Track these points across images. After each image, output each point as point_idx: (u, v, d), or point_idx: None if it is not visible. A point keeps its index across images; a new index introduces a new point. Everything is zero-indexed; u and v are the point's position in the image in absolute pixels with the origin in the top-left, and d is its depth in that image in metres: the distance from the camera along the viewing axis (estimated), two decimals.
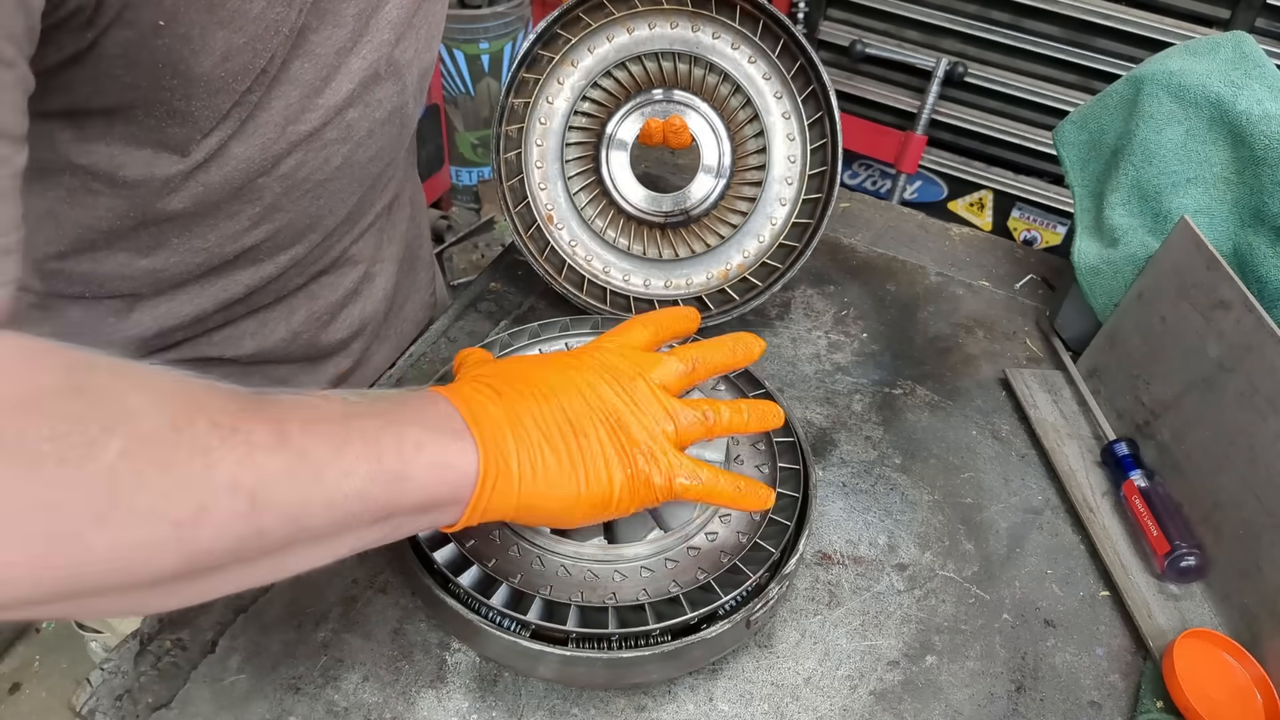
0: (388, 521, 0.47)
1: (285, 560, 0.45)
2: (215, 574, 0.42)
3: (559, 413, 0.53)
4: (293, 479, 0.42)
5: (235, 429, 0.41)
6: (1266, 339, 0.69)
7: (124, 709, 0.61)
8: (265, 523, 0.42)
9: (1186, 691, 0.63)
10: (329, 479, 0.44)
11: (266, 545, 0.43)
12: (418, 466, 0.47)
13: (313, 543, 0.45)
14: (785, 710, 0.64)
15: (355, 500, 0.45)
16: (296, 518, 0.43)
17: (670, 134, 0.85)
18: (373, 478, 0.45)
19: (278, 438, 0.42)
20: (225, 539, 0.41)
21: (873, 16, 2.14)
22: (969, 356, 0.93)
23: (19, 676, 1.84)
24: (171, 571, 0.40)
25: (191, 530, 0.39)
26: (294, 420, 0.44)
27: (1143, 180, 0.86)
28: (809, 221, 0.86)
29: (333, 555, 0.47)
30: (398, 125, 0.73)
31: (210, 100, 0.57)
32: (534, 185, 0.86)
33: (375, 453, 0.45)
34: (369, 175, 0.73)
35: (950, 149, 2.22)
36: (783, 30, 0.82)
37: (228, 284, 0.71)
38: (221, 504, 0.40)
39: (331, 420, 0.45)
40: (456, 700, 0.63)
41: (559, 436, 0.52)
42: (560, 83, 0.84)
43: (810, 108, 0.85)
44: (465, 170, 2.86)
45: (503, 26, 2.57)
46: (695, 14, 0.83)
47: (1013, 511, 0.79)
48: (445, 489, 0.48)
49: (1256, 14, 1.81)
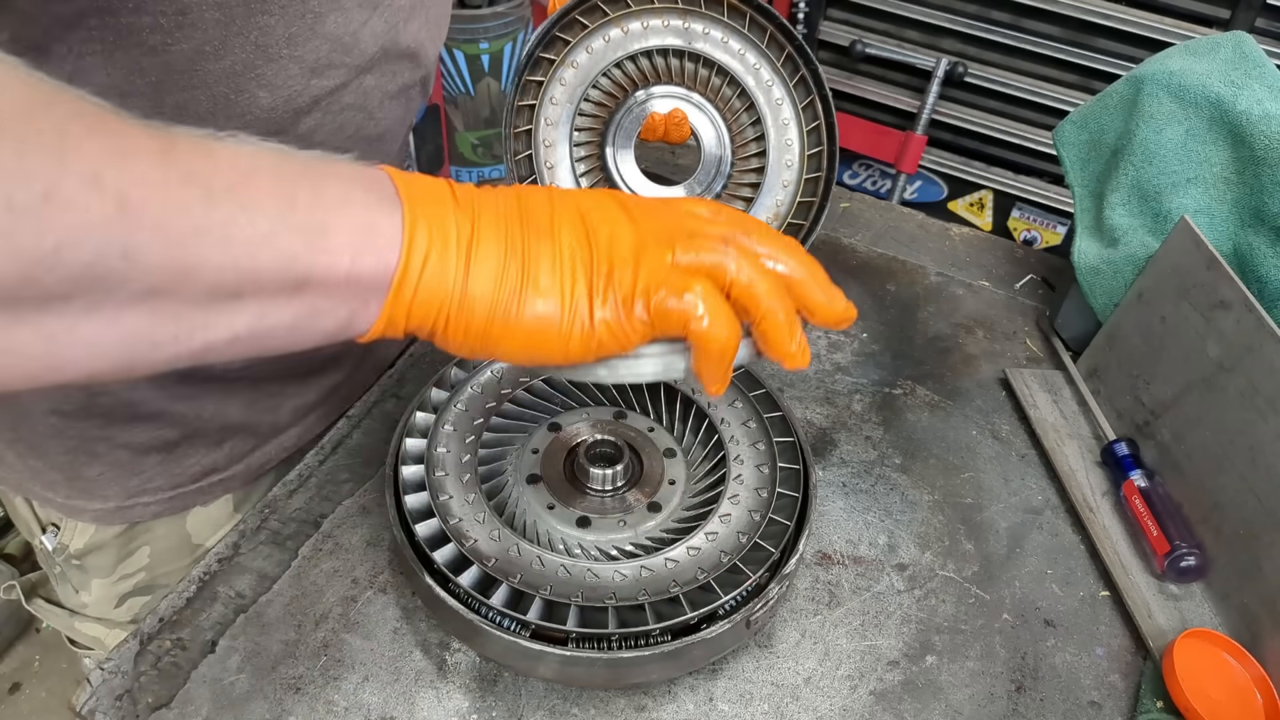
0: (300, 296, 0.38)
1: (159, 317, 0.35)
2: (65, 308, 0.33)
3: (520, 205, 0.43)
4: (180, 193, 0.34)
5: (105, 126, 0.33)
6: (1266, 339, 0.69)
7: (124, 709, 0.61)
8: (135, 241, 0.33)
9: (1186, 691, 0.63)
10: (227, 208, 0.35)
11: (134, 277, 0.34)
12: (341, 222, 0.39)
13: (199, 300, 0.36)
14: (785, 710, 0.64)
15: (261, 244, 0.36)
16: (180, 245, 0.34)
17: (672, 126, 0.85)
18: (284, 221, 0.37)
19: (161, 147, 0.34)
20: (79, 246, 0.32)
21: (873, 16, 2.14)
22: (969, 356, 0.93)
23: (19, 676, 1.84)
24: (7, 278, 0.31)
25: (32, 220, 0.31)
26: (184, 142, 0.35)
27: (1143, 180, 0.86)
28: (812, 200, 0.86)
29: (227, 330, 0.37)
30: (403, 105, 0.74)
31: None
32: (547, 184, 0.86)
33: (287, 192, 0.37)
34: (372, 157, 0.74)
35: (950, 149, 2.22)
36: (770, 20, 0.84)
37: None
38: (76, 196, 0.31)
39: (234, 152, 0.37)
40: (456, 700, 0.63)
41: (514, 226, 0.42)
42: (563, 83, 0.85)
43: (802, 92, 0.85)
44: (465, 170, 2.86)
45: (503, 26, 2.57)
46: (686, 11, 0.84)
47: (1013, 511, 0.79)
48: (370, 260, 0.39)
49: (1256, 14, 1.81)
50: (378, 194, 0.40)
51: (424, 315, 0.41)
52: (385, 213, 0.40)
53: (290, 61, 0.60)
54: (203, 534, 0.84)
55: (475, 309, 0.42)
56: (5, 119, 0.31)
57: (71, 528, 0.80)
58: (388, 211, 0.40)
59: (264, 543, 0.71)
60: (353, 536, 0.72)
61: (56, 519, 0.81)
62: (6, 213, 0.30)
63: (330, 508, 0.74)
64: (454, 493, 0.64)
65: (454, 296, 0.41)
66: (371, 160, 0.69)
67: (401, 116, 0.75)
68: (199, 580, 0.68)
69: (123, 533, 0.81)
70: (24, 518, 0.84)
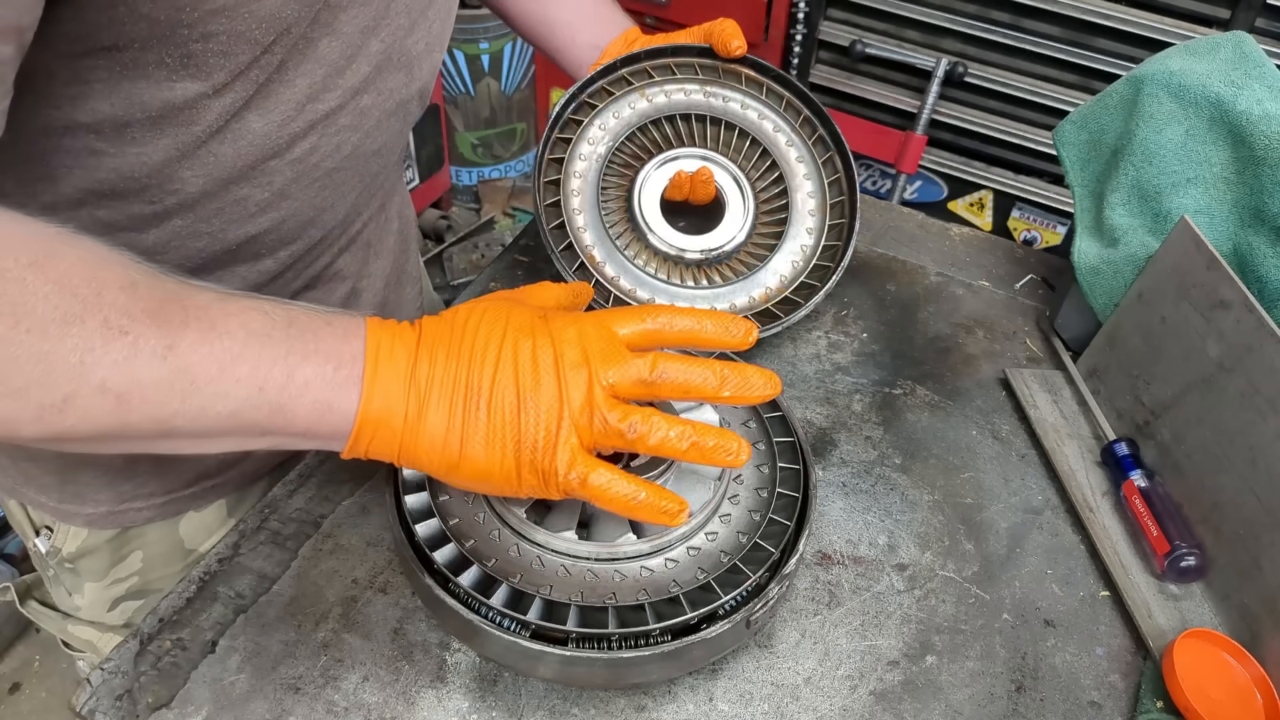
0: (265, 438, 0.51)
1: (155, 445, 0.50)
2: (82, 445, 0.48)
3: (469, 376, 0.52)
4: (167, 390, 0.47)
5: (125, 331, 0.45)
6: (1266, 339, 0.69)
7: (124, 709, 0.61)
8: (129, 419, 0.47)
9: (1186, 691, 0.63)
10: (203, 396, 0.47)
11: (131, 434, 0.48)
12: (301, 403, 0.50)
13: (182, 439, 0.50)
14: (785, 710, 0.64)
15: (228, 419, 0.49)
16: (163, 421, 0.47)
17: (699, 184, 0.87)
18: (251, 403, 0.49)
19: (165, 347, 0.46)
20: (86, 426, 0.46)
21: (873, 16, 2.13)
22: (969, 356, 0.93)
23: (19, 676, 1.84)
24: (32, 438, 0.46)
25: (55, 414, 0.45)
26: (192, 331, 0.47)
27: (1143, 180, 0.86)
28: (837, 243, 0.90)
29: (210, 449, 0.52)
30: (401, 119, 0.73)
31: (229, 46, 0.55)
32: (575, 228, 0.88)
33: (259, 381, 0.48)
34: (370, 171, 0.73)
35: (950, 149, 2.22)
36: (787, 88, 0.92)
37: (225, 276, 0.70)
38: (87, 400, 0.45)
39: (230, 337, 0.48)
40: (456, 700, 0.63)
41: (459, 401, 0.52)
42: (591, 144, 0.90)
43: (820, 149, 0.92)
44: (465, 170, 2.86)
45: (502, 26, 2.57)
46: (706, 80, 0.92)
47: (1013, 511, 0.79)
48: (326, 427, 0.51)
49: (1256, 14, 1.81)
50: (346, 372, 0.51)
51: (382, 457, 0.53)
52: (344, 393, 0.51)
53: (284, 87, 0.60)
54: (196, 539, 0.84)
55: (421, 463, 0.53)
56: (37, 333, 0.43)
57: (64, 531, 0.80)
58: (347, 392, 0.51)
59: (264, 543, 0.71)
60: (353, 536, 0.72)
61: (50, 522, 0.81)
62: (37, 410, 0.45)
63: (330, 508, 0.74)
64: (454, 493, 0.64)
65: (401, 453, 0.52)
66: (370, 169, 0.70)
67: (400, 130, 0.74)
68: (199, 580, 0.68)
69: (115, 537, 0.81)
70: (18, 520, 0.84)
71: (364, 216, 0.80)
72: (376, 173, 0.75)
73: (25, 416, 0.45)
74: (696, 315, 0.57)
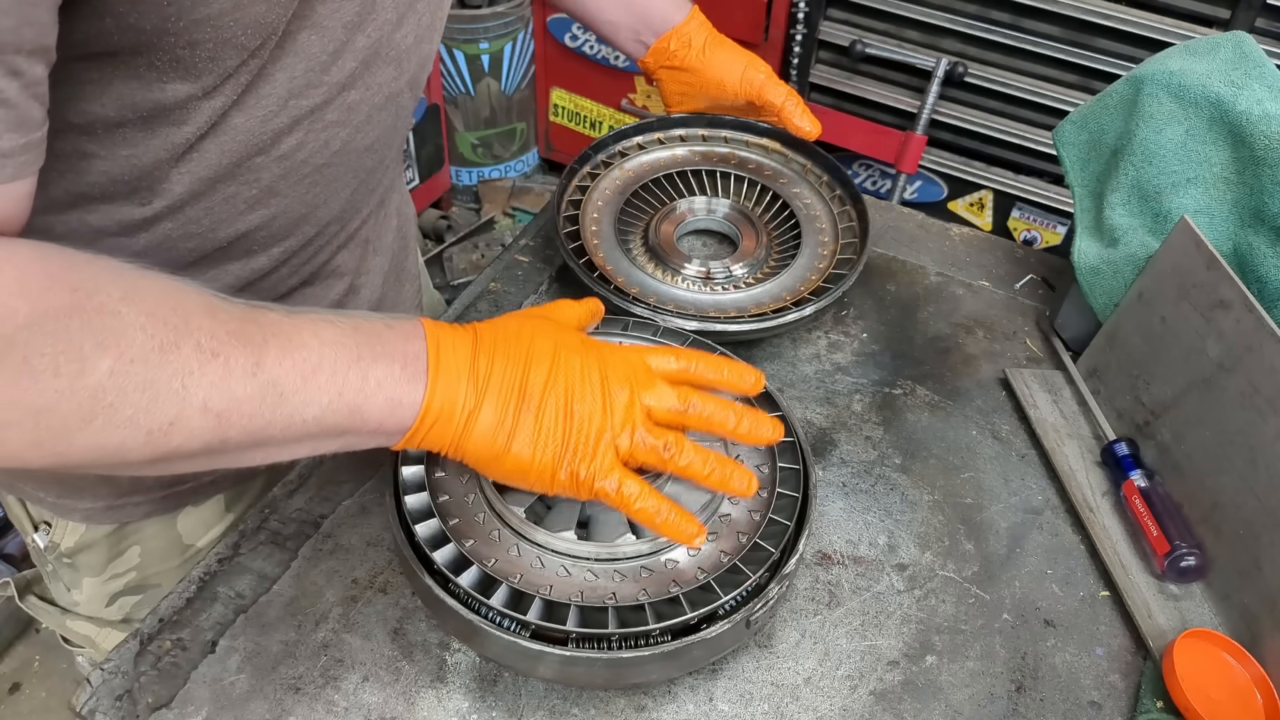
0: (341, 438, 0.55)
1: (246, 456, 0.53)
2: (183, 464, 0.52)
3: (524, 380, 0.57)
4: (259, 403, 0.50)
5: (216, 354, 0.48)
6: (1266, 339, 0.69)
7: (124, 709, 0.61)
8: (228, 434, 0.50)
9: (1186, 691, 0.63)
10: (291, 405, 0.51)
11: (229, 448, 0.51)
12: (374, 402, 0.54)
13: (272, 447, 0.53)
14: (785, 710, 0.64)
15: (313, 424, 0.52)
16: (257, 432, 0.51)
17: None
18: (332, 407, 0.52)
19: (253, 364, 0.50)
20: (192, 445, 0.49)
21: (873, 16, 2.13)
22: (969, 356, 0.93)
23: (19, 676, 1.84)
24: (140, 462, 0.49)
25: (162, 438, 0.48)
26: (273, 347, 0.51)
27: (1143, 180, 0.86)
28: (852, 256, 0.93)
29: (291, 456, 0.56)
30: (393, 113, 0.72)
31: (216, 52, 0.55)
32: (593, 251, 0.91)
33: (338, 387, 0.53)
34: (364, 167, 0.73)
35: (950, 149, 2.22)
36: (802, 152, 1.01)
37: (217, 273, 0.69)
38: (192, 420, 0.48)
39: (307, 348, 0.52)
40: (456, 700, 0.63)
41: (512, 401, 0.56)
42: (607, 192, 0.97)
43: (836, 203, 0.98)
44: (465, 170, 2.86)
45: (503, 26, 2.57)
46: (709, 137, 1.03)
47: (1013, 511, 0.79)
48: (395, 422, 0.55)
49: (1256, 14, 1.81)
50: (412, 370, 0.55)
51: (434, 447, 0.57)
52: (412, 388, 0.55)
53: (264, 83, 0.60)
54: (194, 534, 0.84)
55: (468, 453, 0.57)
56: (140, 362, 0.46)
57: (63, 526, 0.80)
58: (414, 387, 0.55)
59: (264, 543, 0.71)
60: (353, 536, 0.72)
61: (48, 517, 0.81)
62: (145, 436, 0.47)
63: (330, 508, 0.74)
64: (454, 493, 0.64)
65: (454, 444, 0.57)
66: (364, 164, 0.71)
67: (392, 124, 0.73)
68: (199, 580, 0.68)
69: (113, 532, 0.81)
70: (17, 515, 0.84)
71: (362, 213, 0.80)
72: (371, 168, 0.75)
73: (135, 443, 0.47)
74: (717, 363, 0.64)
